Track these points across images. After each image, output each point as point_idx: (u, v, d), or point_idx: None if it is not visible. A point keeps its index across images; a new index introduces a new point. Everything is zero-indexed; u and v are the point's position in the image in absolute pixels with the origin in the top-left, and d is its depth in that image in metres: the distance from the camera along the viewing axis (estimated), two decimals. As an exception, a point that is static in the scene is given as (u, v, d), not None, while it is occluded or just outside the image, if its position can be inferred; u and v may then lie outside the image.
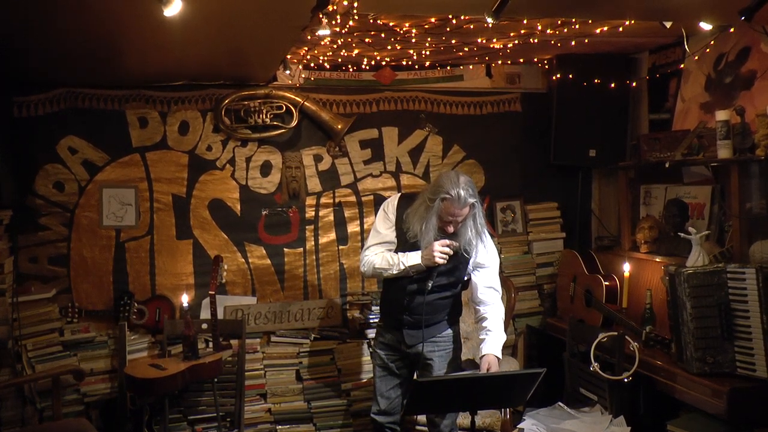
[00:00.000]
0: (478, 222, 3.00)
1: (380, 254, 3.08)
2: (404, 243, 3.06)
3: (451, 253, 2.94)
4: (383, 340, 3.22)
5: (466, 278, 3.18)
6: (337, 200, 4.30)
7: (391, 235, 3.11)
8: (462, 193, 2.86)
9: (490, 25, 2.82)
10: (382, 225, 3.14)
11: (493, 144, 4.45)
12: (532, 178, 4.51)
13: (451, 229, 2.95)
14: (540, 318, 4.48)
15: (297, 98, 4.12)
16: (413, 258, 2.99)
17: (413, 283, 3.06)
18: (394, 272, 3.03)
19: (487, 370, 2.96)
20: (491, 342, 3.04)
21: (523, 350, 4.30)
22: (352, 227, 4.33)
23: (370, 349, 3.27)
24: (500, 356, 3.05)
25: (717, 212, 3.53)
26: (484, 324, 3.09)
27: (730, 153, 3.21)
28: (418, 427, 3.54)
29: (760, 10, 2.55)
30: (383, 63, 4.18)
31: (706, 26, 3.27)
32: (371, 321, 4.15)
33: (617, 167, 4.13)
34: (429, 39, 3.51)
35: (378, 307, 4.10)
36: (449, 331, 3.17)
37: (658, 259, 3.67)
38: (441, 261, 2.91)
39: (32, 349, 3.77)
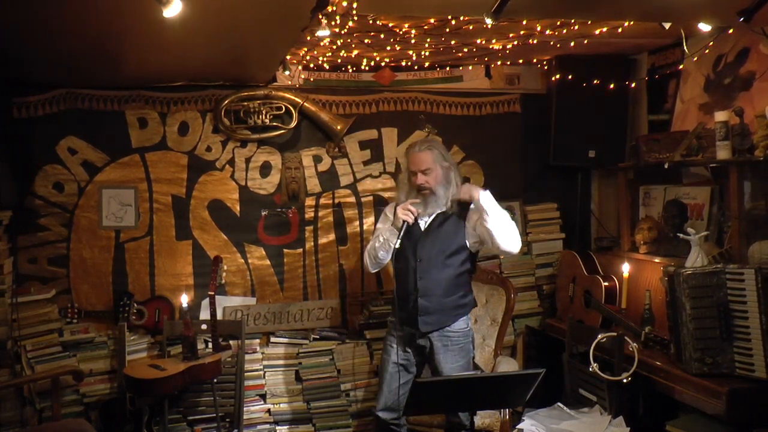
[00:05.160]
0: (453, 173, 3.18)
1: (372, 242, 3.25)
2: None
3: (414, 211, 3.06)
4: (396, 334, 3.23)
5: (473, 249, 3.22)
6: (336, 201, 4.29)
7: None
8: (422, 140, 3.23)
9: (490, 26, 2.80)
10: (380, 223, 3.32)
11: (493, 145, 4.44)
12: (531, 179, 4.51)
13: (420, 180, 3.11)
14: (539, 319, 4.46)
15: (296, 99, 4.11)
16: (387, 227, 3.19)
17: (419, 260, 3.13)
18: (377, 246, 3.19)
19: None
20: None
21: (522, 351, 4.31)
22: (352, 228, 4.32)
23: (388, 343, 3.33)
24: (491, 207, 3.05)
25: (716, 213, 3.52)
26: None
27: (729, 154, 3.20)
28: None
29: (759, 11, 2.56)
30: (383, 64, 4.17)
31: (705, 27, 3.26)
32: (371, 322, 4.15)
33: (616, 168, 4.13)
34: (428, 40, 3.50)
35: (377, 307, 4.15)
36: (463, 326, 3.21)
37: (657, 260, 3.66)
38: (404, 217, 3.03)
39: (32, 350, 3.77)
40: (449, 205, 3.16)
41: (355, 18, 2.92)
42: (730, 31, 3.42)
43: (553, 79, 4.16)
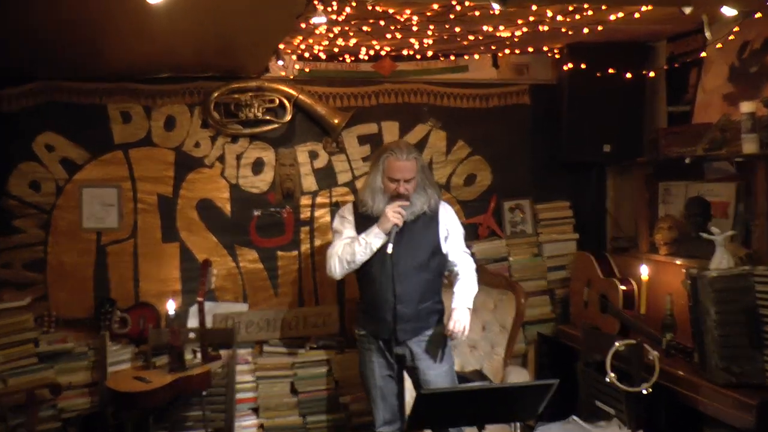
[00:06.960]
0: (429, 182, 3.25)
1: (342, 246, 3.21)
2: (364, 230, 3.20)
3: (404, 213, 3.10)
4: (372, 347, 3.25)
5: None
6: (333, 200, 4.23)
7: (351, 232, 3.23)
8: (403, 147, 3.17)
9: (497, 12, 2.81)
10: (341, 225, 3.30)
11: (501, 139, 4.39)
12: (542, 176, 4.45)
13: (402, 189, 3.12)
14: (552, 325, 4.42)
15: (291, 91, 4.06)
16: (371, 230, 3.12)
17: (395, 264, 3.13)
18: (357, 250, 3.14)
19: (454, 324, 3.16)
20: (462, 295, 3.25)
21: (534, 360, 4.29)
22: (350, 228, 4.25)
23: (366, 358, 3.42)
24: (471, 306, 3.26)
25: (742, 211, 3.46)
26: (458, 279, 3.31)
27: (756, 147, 3.11)
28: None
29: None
30: (383, 53, 4.12)
31: (729, 12, 3.16)
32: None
33: (634, 163, 4.10)
34: (431, 27, 3.48)
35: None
36: (439, 328, 3.26)
37: (678, 262, 3.60)
38: (395, 219, 3.06)
39: (4, 362, 3.69)
40: (422, 209, 3.22)
41: (353, 4, 2.91)
42: (757, 15, 3.34)
43: (565, 68, 4.09)
